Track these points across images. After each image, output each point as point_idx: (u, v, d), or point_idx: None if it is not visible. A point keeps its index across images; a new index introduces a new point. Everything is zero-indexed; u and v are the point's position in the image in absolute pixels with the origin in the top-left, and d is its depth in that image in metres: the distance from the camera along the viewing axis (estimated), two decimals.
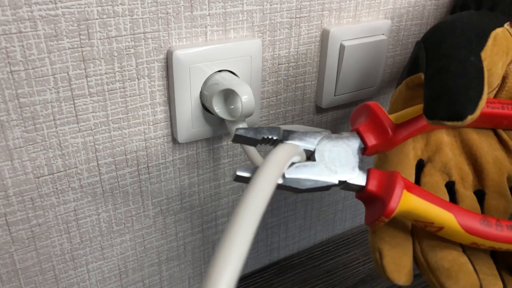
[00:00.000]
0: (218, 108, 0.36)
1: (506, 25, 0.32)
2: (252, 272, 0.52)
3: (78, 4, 0.31)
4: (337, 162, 0.26)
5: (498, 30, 0.30)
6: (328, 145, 0.27)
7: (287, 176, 0.25)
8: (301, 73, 0.44)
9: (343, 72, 0.44)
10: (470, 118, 0.24)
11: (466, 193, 0.31)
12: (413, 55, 0.32)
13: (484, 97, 0.25)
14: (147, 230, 0.42)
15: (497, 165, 0.32)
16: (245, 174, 0.25)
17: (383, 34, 0.45)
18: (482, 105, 0.24)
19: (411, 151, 0.31)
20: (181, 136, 0.38)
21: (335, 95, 0.45)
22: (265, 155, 0.45)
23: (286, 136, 0.26)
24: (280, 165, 0.22)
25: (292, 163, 0.25)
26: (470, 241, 0.27)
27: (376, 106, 0.28)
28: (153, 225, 0.42)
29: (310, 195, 0.52)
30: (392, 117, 0.28)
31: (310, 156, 0.26)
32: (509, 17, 0.33)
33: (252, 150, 0.36)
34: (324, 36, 0.42)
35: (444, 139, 0.32)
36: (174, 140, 0.39)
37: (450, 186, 0.31)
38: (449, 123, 0.24)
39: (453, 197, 0.31)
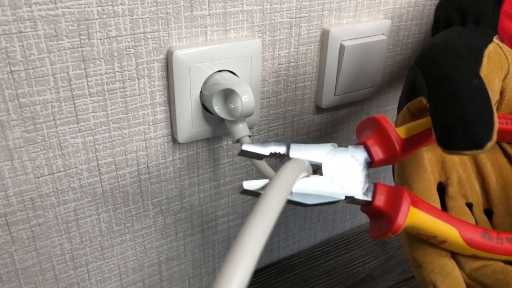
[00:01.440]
0: (218, 108, 0.36)
1: (495, 39, 0.32)
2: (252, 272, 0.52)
3: (78, 4, 0.31)
4: (344, 176, 0.26)
5: (490, 47, 0.30)
6: (335, 159, 0.26)
7: (294, 191, 0.25)
8: (301, 73, 0.44)
9: (343, 72, 0.44)
10: (490, 145, 0.24)
11: (481, 215, 0.31)
12: (410, 79, 0.31)
13: (496, 119, 0.25)
14: (147, 230, 0.42)
15: (500, 181, 0.32)
16: (252, 188, 0.25)
17: (383, 34, 0.45)
18: (496, 128, 0.24)
19: (431, 175, 0.31)
20: (181, 136, 0.38)
21: (335, 95, 0.45)
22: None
23: (293, 150, 0.26)
24: (290, 184, 0.22)
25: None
26: (471, 253, 0.27)
27: (384, 119, 0.28)
28: (153, 225, 0.42)
29: None
30: (400, 130, 0.28)
31: (316, 170, 0.26)
32: (495, 30, 0.33)
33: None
34: (324, 36, 0.42)
35: (456, 160, 0.32)
36: (174, 140, 0.39)
37: (469, 209, 0.31)
38: (469, 152, 0.24)
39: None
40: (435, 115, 0.26)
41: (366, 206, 0.27)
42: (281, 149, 0.26)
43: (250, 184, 0.25)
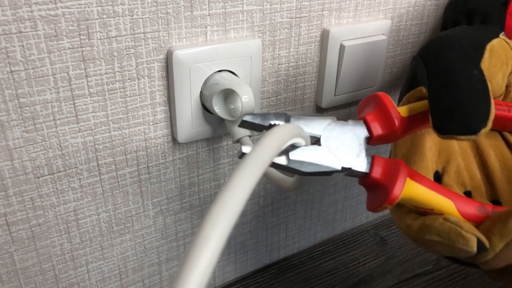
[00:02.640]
0: (218, 108, 0.36)
1: (502, 35, 0.32)
2: (252, 272, 0.52)
3: (78, 4, 0.31)
4: (342, 148, 0.27)
5: (494, 41, 0.30)
6: (334, 131, 0.27)
7: (291, 158, 0.25)
8: (301, 73, 0.44)
9: (343, 72, 0.44)
10: (484, 132, 0.25)
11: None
12: (411, 70, 0.32)
13: (493, 109, 0.25)
14: (147, 230, 0.42)
15: (506, 172, 0.32)
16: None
17: (383, 34, 0.45)
18: (492, 117, 0.25)
19: (429, 164, 0.31)
20: (181, 136, 0.38)
21: (335, 95, 0.45)
22: None
23: (293, 121, 0.27)
24: (279, 140, 0.22)
25: (297, 146, 0.25)
26: None
27: (385, 96, 0.28)
28: (153, 225, 0.42)
29: (310, 195, 0.52)
30: (401, 109, 0.28)
31: (316, 142, 0.27)
32: (502, 29, 0.33)
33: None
34: (324, 36, 0.42)
35: (456, 148, 0.32)
36: (174, 140, 0.39)
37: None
38: (463, 137, 0.25)
39: None
40: (433, 102, 0.26)
41: (363, 178, 0.28)
42: (281, 121, 0.26)
43: (250, 150, 0.25)
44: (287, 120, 0.26)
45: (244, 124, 0.26)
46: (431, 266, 0.53)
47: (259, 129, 0.26)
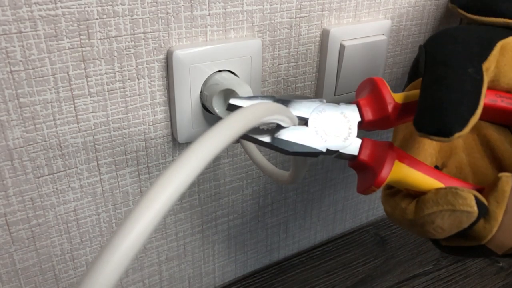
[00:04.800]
0: (218, 108, 0.36)
1: None
2: (252, 272, 0.52)
3: (78, 4, 0.31)
4: (329, 130, 0.27)
5: (510, 39, 0.29)
6: (323, 113, 0.27)
7: (276, 136, 0.25)
8: (301, 73, 0.44)
9: (343, 72, 0.44)
10: (458, 136, 0.24)
11: None
12: (415, 60, 0.31)
13: (478, 112, 0.24)
14: None
15: None
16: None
17: (383, 34, 0.45)
18: (474, 121, 0.24)
19: (428, 158, 0.30)
20: (181, 136, 0.38)
21: (335, 95, 0.45)
22: (265, 153, 0.45)
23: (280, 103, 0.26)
24: (254, 115, 0.21)
25: (283, 127, 0.26)
26: None
27: (381, 81, 0.28)
28: None
29: (310, 195, 0.52)
30: (397, 95, 0.28)
31: (304, 123, 0.27)
32: None
33: (252, 147, 0.36)
34: (324, 36, 0.42)
35: (459, 142, 0.31)
36: (174, 140, 0.39)
37: None
38: (436, 138, 0.24)
39: None
40: (420, 96, 0.26)
41: (352, 161, 0.28)
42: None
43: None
44: (275, 102, 0.26)
45: (230, 108, 0.26)
46: (431, 266, 0.54)
47: None
